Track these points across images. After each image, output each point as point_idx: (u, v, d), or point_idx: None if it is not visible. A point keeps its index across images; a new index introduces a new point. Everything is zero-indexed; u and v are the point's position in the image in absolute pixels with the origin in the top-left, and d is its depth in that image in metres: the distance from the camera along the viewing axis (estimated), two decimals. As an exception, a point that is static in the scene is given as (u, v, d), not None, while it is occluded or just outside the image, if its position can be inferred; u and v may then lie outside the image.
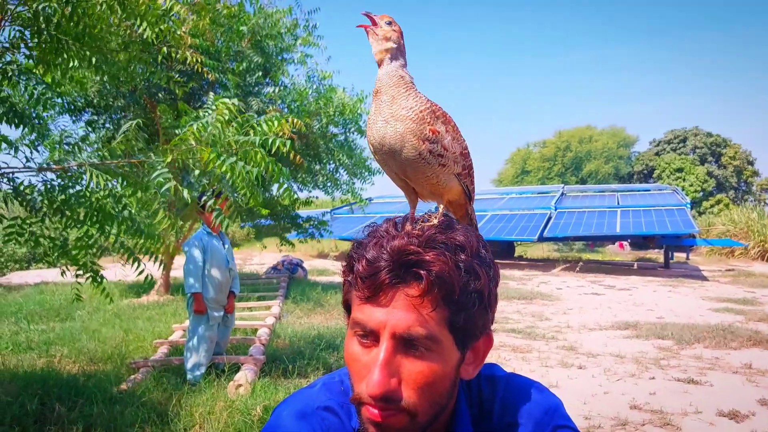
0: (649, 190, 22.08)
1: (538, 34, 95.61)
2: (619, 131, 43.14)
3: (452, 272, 0.78)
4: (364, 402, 0.79)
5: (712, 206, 33.88)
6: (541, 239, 17.25)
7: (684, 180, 35.52)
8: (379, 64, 0.96)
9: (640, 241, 21.79)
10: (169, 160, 3.30)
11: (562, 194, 21.95)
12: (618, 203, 19.46)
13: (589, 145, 41.33)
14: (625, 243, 25.95)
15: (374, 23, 0.98)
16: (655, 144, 40.30)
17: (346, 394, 0.93)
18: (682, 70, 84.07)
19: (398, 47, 0.97)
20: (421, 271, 0.77)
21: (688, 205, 17.38)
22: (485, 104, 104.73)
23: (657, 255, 22.27)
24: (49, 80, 3.80)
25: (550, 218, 18.11)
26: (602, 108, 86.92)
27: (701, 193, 35.18)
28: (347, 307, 0.87)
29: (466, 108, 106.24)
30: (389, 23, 0.97)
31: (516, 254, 22.52)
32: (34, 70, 3.64)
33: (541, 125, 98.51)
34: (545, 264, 19.26)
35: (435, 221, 0.86)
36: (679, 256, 21.36)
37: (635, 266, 18.46)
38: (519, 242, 21.44)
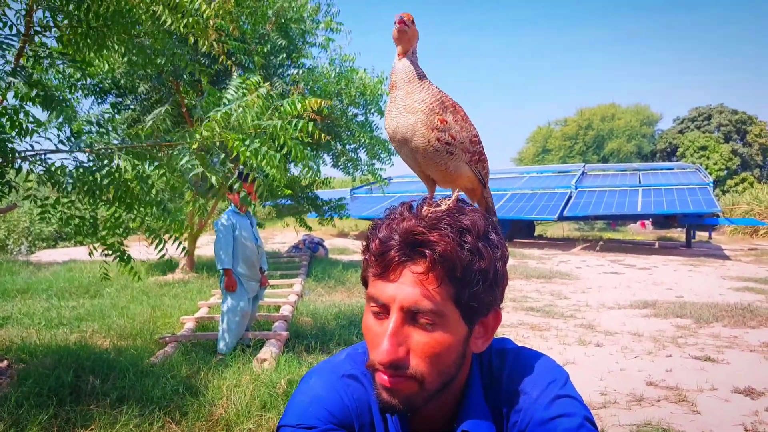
0: (671, 169, 21.81)
1: (561, 10, 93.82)
2: (642, 109, 42.45)
3: (454, 252, 0.85)
4: (377, 368, 0.88)
5: (736, 185, 33.32)
6: (561, 218, 17.17)
7: (708, 158, 34.92)
8: (400, 58, 1.02)
9: (662, 221, 21.58)
10: (195, 146, 3.39)
11: (583, 173, 21.77)
12: (639, 182, 19.25)
13: (611, 123, 40.75)
14: (646, 222, 25.74)
15: (410, 18, 1.03)
16: (679, 122, 39.60)
17: (368, 363, 1.01)
18: (708, 46, 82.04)
19: (414, 50, 1.04)
20: (426, 251, 0.85)
21: (711, 184, 17.15)
22: (507, 82, 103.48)
23: (679, 234, 22.05)
24: (79, 59, 3.88)
25: (570, 197, 18.00)
26: (626, 85, 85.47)
27: (725, 172, 34.57)
28: (365, 283, 0.95)
29: (488, 86, 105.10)
30: (412, 22, 1.03)
31: (536, 233, 22.45)
32: (65, 51, 3.73)
33: (563, 103, 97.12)
34: (565, 243, 19.20)
35: (444, 207, 0.93)
36: (702, 235, 21.16)
37: (656, 245, 18.31)
38: (539, 221, 21.36)
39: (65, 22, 3.52)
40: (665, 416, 3.75)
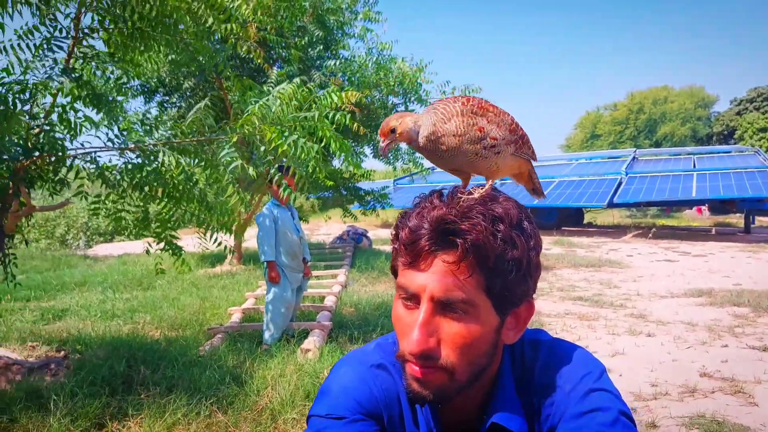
0: (729, 152, 20.93)
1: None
2: (697, 91, 40.81)
3: (487, 241, 0.83)
4: (407, 359, 0.86)
5: (800, 167, 31.68)
6: (611, 205, 16.75)
7: (769, 140, 33.34)
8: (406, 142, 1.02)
9: (719, 206, 20.78)
10: (234, 140, 3.44)
11: (634, 158, 21.18)
12: (694, 166, 18.58)
13: (664, 107, 39.34)
14: (703, 208, 24.80)
15: (386, 136, 1.02)
16: (737, 103, 37.92)
17: (398, 353, 1.00)
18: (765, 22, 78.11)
19: (413, 125, 1.00)
20: (457, 240, 0.83)
21: (772, 167, 16.38)
22: (555, 68, 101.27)
23: (737, 220, 21.17)
24: (127, 59, 3.99)
25: (620, 183, 17.53)
26: (680, 67, 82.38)
27: (788, 154, 32.92)
28: (394, 272, 0.94)
29: (536, 72, 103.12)
30: (393, 131, 1.01)
31: (585, 221, 21.97)
32: (113, 52, 3.84)
33: (613, 87, 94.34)
34: (616, 230, 18.70)
35: (476, 195, 0.91)
36: (762, 220, 20.29)
37: (713, 231, 17.64)
38: (588, 208, 20.89)
39: (111, 26, 3.63)
40: (720, 408, 3.61)
